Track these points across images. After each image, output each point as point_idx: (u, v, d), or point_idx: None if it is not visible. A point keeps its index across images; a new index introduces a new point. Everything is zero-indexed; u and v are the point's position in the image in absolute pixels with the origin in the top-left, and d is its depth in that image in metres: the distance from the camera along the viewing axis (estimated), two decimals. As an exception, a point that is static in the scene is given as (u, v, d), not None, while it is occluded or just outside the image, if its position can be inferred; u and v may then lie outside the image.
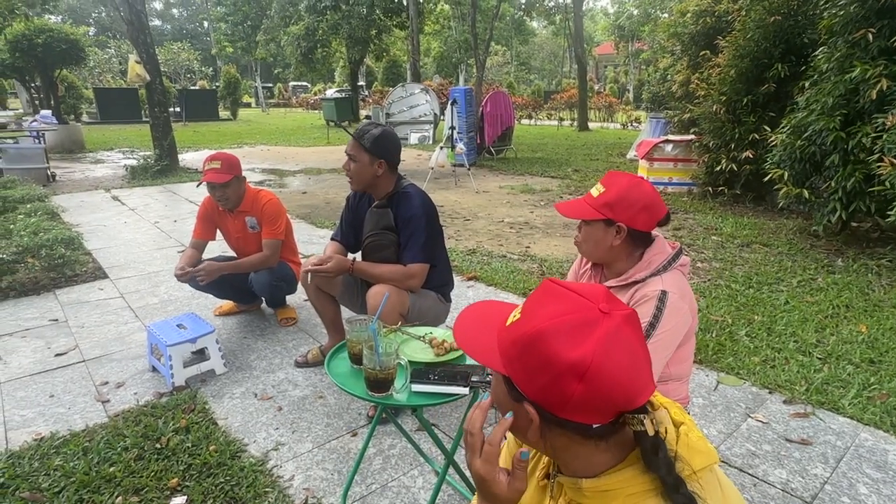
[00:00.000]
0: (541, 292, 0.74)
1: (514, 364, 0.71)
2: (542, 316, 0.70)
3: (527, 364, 0.70)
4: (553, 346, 0.67)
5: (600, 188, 1.51)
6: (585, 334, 0.67)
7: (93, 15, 52.45)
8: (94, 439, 2.13)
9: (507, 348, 0.72)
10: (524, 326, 0.71)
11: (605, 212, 1.48)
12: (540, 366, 0.68)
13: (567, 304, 0.70)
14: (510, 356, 0.72)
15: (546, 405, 0.70)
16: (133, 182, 8.25)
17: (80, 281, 3.97)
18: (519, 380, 0.71)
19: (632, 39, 29.60)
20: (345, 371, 1.59)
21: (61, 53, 12.55)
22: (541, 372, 0.68)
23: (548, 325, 0.68)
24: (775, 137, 4.98)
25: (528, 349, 0.69)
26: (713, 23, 7.44)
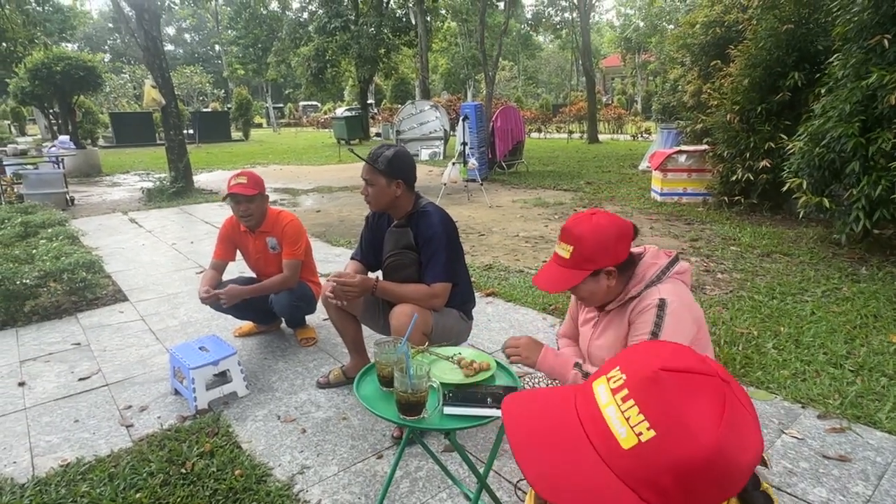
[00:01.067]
0: (661, 390, 0.58)
1: (671, 494, 0.56)
2: (698, 428, 0.55)
3: (694, 487, 0.55)
4: (734, 456, 0.55)
5: (567, 247, 1.47)
6: (741, 419, 0.57)
7: (108, 41, 53.75)
8: (120, 465, 2.12)
9: (654, 479, 0.56)
10: (683, 449, 0.55)
11: (589, 267, 1.45)
12: (717, 482, 0.56)
13: (704, 395, 0.58)
14: (662, 488, 0.55)
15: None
16: (149, 204, 8.36)
17: (101, 304, 4.00)
18: None
19: (638, 51, 29.68)
20: (372, 393, 1.57)
21: (79, 80, 12.85)
22: (716, 487, 0.56)
23: (718, 437, 0.55)
24: (792, 145, 4.94)
25: (700, 473, 0.55)
26: (723, 33, 7.43)
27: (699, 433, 0.55)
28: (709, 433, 0.55)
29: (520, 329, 3.38)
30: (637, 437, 0.56)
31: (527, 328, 3.39)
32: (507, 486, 1.97)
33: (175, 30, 60.05)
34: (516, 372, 2.03)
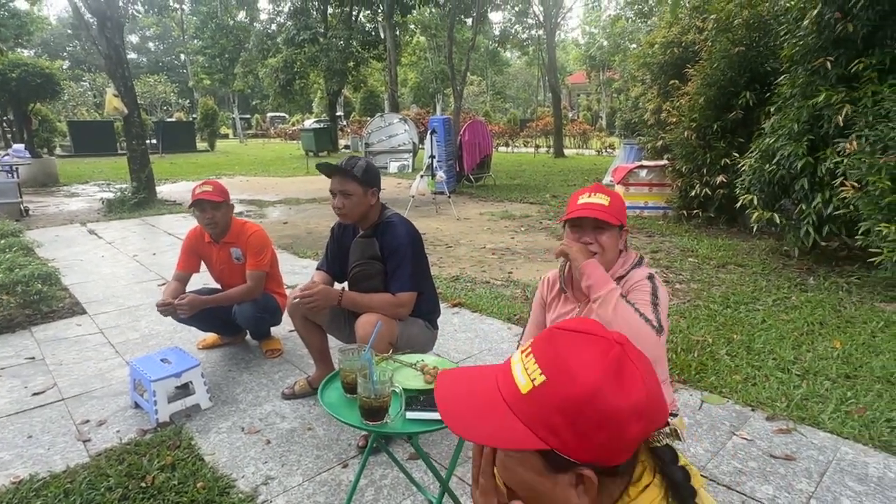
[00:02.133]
0: (553, 344, 0.68)
1: (561, 433, 0.63)
2: (579, 371, 0.64)
3: (580, 427, 0.63)
4: (607, 398, 0.62)
5: (605, 197, 1.63)
6: (629, 373, 0.64)
7: (67, 48, 52.23)
8: (76, 480, 2.07)
9: (545, 417, 0.64)
10: (565, 389, 0.63)
11: (622, 218, 1.64)
12: (598, 423, 0.62)
13: (591, 348, 0.66)
14: (552, 425, 0.63)
15: (605, 460, 0.65)
16: (110, 215, 8.14)
17: (58, 317, 3.88)
18: (570, 448, 0.63)
19: (603, 69, 30.52)
20: (337, 401, 1.60)
21: (36, 88, 12.45)
22: (599, 429, 0.63)
23: (596, 379, 0.63)
24: (744, 162, 5.18)
25: (579, 413, 0.62)
26: (681, 53, 7.75)
27: (579, 376, 0.63)
28: (588, 377, 0.63)
29: (485, 339, 3.43)
30: (532, 382, 0.65)
31: (492, 338, 3.44)
32: (469, 489, 2.01)
33: (139, 38, 58.81)
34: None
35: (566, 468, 0.65)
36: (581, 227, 1.66)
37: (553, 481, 0.66)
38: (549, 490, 0.67)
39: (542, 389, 0.64)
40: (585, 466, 0.64)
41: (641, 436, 0.65)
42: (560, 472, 0.66)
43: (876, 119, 3.98)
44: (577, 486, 0.66)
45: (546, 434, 0.63)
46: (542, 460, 0.66)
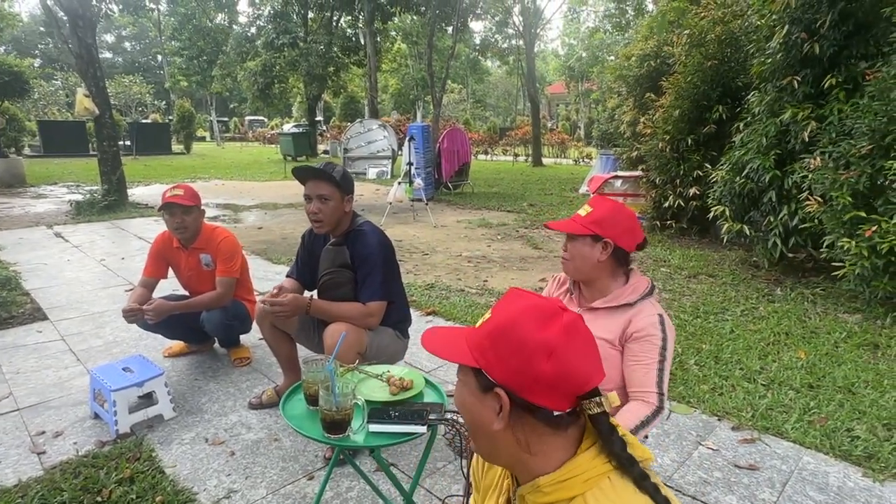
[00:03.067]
0: (507, 297, 0.83)
1: (487, 353, 0.77)
2: (511, 310, 0.79)
3: (499, 350, 0.76)
4: (524, 330, 0.75)
5: (588, 209, 1.65)
6: (551, 320, 0.76)
7: (39, 46, 51.00)
8: (28, 495, 1.99)
9: (479, 342, 0.78)
10: (495, 320, 0.79)
11: (594, 228, 1.60)
12: (513, 349, 0.75)
13: (532, 301, 0.80)
14: (482, 347, 0.78)
15: (517, 388, 0.75)
16: (78, 218, 7.93)
17: (17, 323, 3.76)
18: (491, 367, 0.76)
19: (581, 80, 30.95)
20: (300, 413, 1.56)
21: (3, 86, 12.14)
22: (513, 355, 0.75)
23: (518, 314, 0.77)
24: (715, 174, 5.28)
25: (501, 336, 0.77)
26: (657, 66, 7.89)
27: (504, 313, 0.79)
28: (510, 312, 0.78)
29: (458, 347, 3.41)
30: (483, 319, 0.82)
31: (465, 347, 3.43)
32: (436, 502, 1.98)
33: (115, 37, 57.74)
34: (448, 390, 2.06)
35: (488, 388, 0.77)
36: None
37: (481, 402, 0.78)
38: (477, 410, 0.79)
39: (486, 322, 0.80)
40: (503, 388, 0.75)
41: (554, 379, 0.74)
42: (485, 392, 0.78)
43: (839, 136, 4.10)
44: (498, 411, 0.77)
45: (478, 354, 0.78)
46: (475, 381, 0.79)
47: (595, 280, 1.67)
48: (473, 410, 0.80)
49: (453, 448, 1.74)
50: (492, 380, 0.76)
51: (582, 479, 0.76)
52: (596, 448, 0.78)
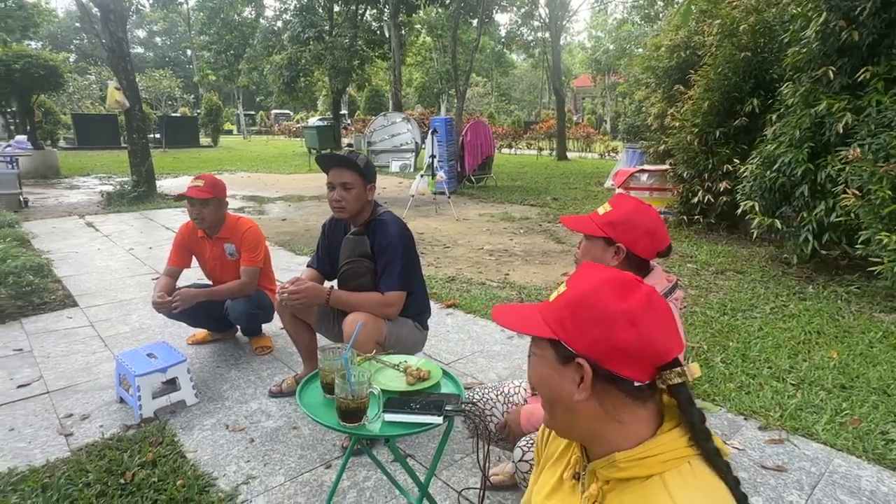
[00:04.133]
0: (582, 270, 0.84)
1: (566, 324, 0.77)
2: (589, 282, 0.79)
3: (579, 321, 0.76)
4: (605, 300, 0.76)
5: (607, 207, 1.55)
6: (630, 291, 0.77)
7: (74, 41, 52.34)
8: (55, 475, 2.04)
9: (557, 313, 0.79)
10: (574, 290, 0.80)
11: (607, 230, 1.50)
12: (594, 319, 0.75)
13: (609, 273, 0.80)
14: (560, 318, 0.78)
15: (599, 357, 0.75)
16: (108, 208, 8.13)
17: (49, 309, 3.86)
18: (571, 338, 0.76)
19: (608, 72, 30.49)
20: (317, 401, 1.56)
21: (39, 79, 12.45)
22: (595, 325, 0.75)
23: (597, 285, 0.78)
24: (745, 168, 5.13)
25: (580, 307, 0.77)
26: (686, 57, 7.70)
27: (583, 283, 0.79)
28: (588, 284, 0.78)
29: (478, 340, 3.39)
30: (558, 292, 0.82)
31: (485, 340, 3.41)
32: (453, 494, 1.97)
33: (146, 32, 58.94)
34: (469, 382, 2.04)
35: (569, 360, 0.77)
36: None
37: (560, 374, 0.78)
38: (557, 383, 0.78)
39: (562, 295, 0.81)
40: (584, 358, 0.75)
41: (637, 348, 0.74)
42: (565, 364, 0.77)
43: (878, 128, 3.93)
44: (579, 384, 0.76)
45: (555, 326, 0.78)
46: (553, 353, 0.78)
47: None
48: (552, 383, 0.79)
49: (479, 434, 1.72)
50: (572, 350, 0.76)
51: (661, 459, 0.75)
52: (680, 430, 0.77)
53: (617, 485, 0.78)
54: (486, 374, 2.93)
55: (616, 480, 0.78)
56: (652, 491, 0.74)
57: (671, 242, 1.57)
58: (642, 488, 0.75)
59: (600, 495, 0.80)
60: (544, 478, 0.96)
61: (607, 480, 0.79)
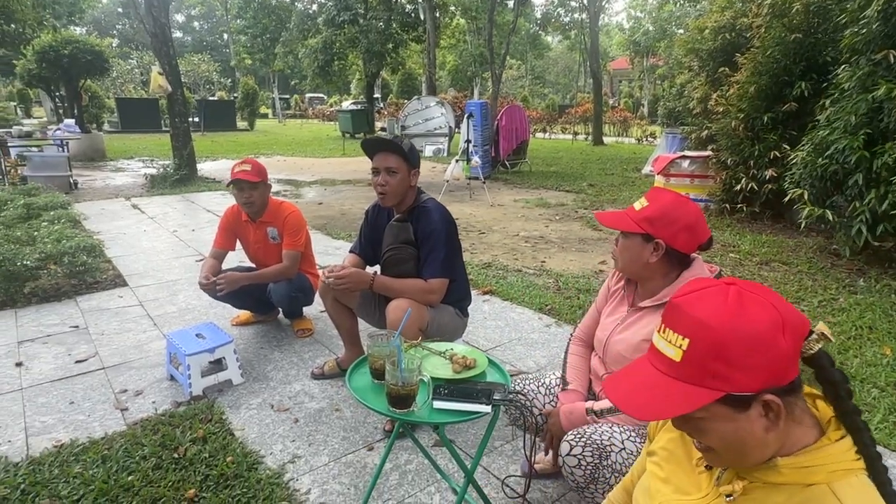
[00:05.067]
0: (679, 311, 0.78)
1: (726, 374, 0.72)
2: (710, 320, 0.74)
3: (737, 362, 0.72)
4: (747, 327, 0.72)
5: (643, 202, 1.50)
6: (750, 301, 0.74)
7: (117, 27, 53.70)
8: (113, 447, 2.14)
9: (706, 370, 0.73)
10: (708, 338, 0.73)
11: (645, 226, 1.46)
12: (749, 350, 0.71)
13: (710, 299, 0.76)
14: (715, 372, 0.73)
15: (773, 380, 0.72)
16: (152, 191, 8.38)
17: (101, 288, 4.03)
18: (740, 384, 0.72)
19: (647, 55, 29.61)
20: (365, 385, 1.59)
21: (86, 64, 12.86)
22: (753, 354, 0.71)
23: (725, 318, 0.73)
24: (795, 155, 4.93)
25: (730, 348, 0.72)
26: (732, 38, 7.41)
27: (712, 323, 0.73)
28: (719, 320, 0.72)
29: (515, 328, 3.39)
30: (680, 348, 0.75)
31: (522, 327, 3.40)
32: (495, 482, 1.99)
33: (184, 17, 60.01)
34: (508, 370, 2.04)
35: (749, 403, 0.73)
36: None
37: (746, 420, 0.74)
38: (746, 431, 0.74)
39: (691, 350, 0.74)
40: (763, 393, 0.72)
41: (793, 347, 0.72)
42: (746, 409, 0.73)
43: (944, 114, 3.72)
44: (767, 415, 0.74)
45: (715, 383, 0.72)
46: (726, 407, 0.73)
47: (647, 280, 1.55)
48: (741, 435, 0.75)
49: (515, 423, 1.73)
50: (749, 394, 0.72)
51: (828, 468, 0.75)
52: (848, 441, 0.76)
53: (766, 486, 0.78)
54: (525, 362, 2.93)
55: (765, 482, 0.78)
56: (821, 499, 0.73)
57: (712, 235, 1.53)
58: (805, 493, 0.75)
59: (742, 491, 0.80)
60: (662, 457, 0.96)
61: (753, 480, 0.79)
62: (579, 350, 1.81)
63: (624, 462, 1.40)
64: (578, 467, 1.42)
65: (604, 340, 1.65)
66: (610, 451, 1.41)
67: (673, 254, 1.48)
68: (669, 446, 0.96)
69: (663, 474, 0.94)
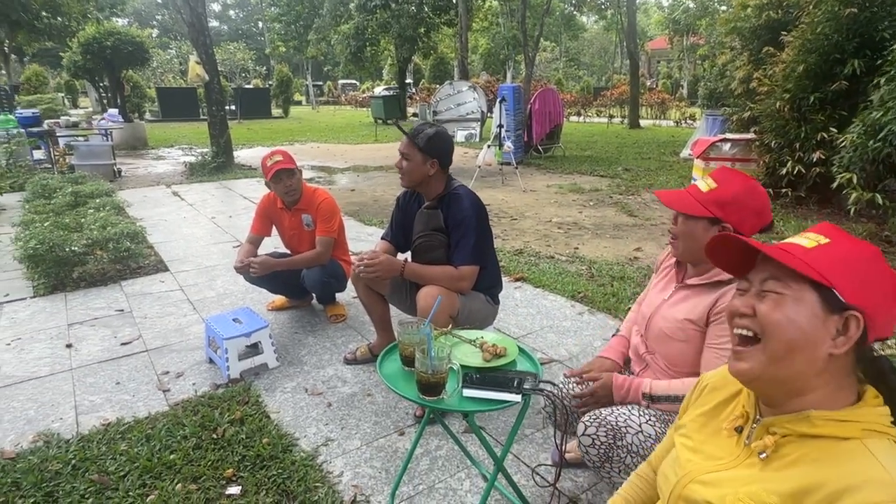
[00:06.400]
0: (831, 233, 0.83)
1: (841, 272, 0.77)
2: (855, 247, 0.81)
3: (859, 273, 0.77)
4: (879, 264, 0.79)
5: (711, 184, 1.44)
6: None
7: (156, 17, 54.97)
8: (156, 427, 2.23)
9: (831, 263, 0.78)
10: (842, 248, 0.80)
11: (715, 210, 1.41)
12: (880, 277, 0.78)
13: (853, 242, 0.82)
14: (834, 269, 0.77)
15: (871, 312, 0.75)
16: (191, 178, 8.61)
17: (143, 273, 4.17)
18: (845, 288, 0.76)
19: (687, 33, 28.58)
20: (395, 372, 1.60)
21: (128, 55, 13.22)
22: (882, 281, 0.77)
23: (862, 249, 0.81)
24: (845, 137, 4.70)
25: (861, 261, 0.79)
26: (778, 16, 7.08)
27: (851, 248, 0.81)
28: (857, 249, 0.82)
29: (547, 315, 3.36)
30: (816, 242, 0.81)
31: (554, 315, 3.37)
32: (524, 469, 1.99)
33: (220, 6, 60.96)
34: (539, 358, 2.03)
35: (838, 309, 0.76)
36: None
37: (822, 322, 0.76)
38: (812, 329, 0.76)
39: (827, 251, 0.80)
40: (855, 309, 0.75)
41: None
42: (830, 312, 0.76)
43: None
44: (837, 337, 0.76)
45: (828, 273, 0.76)
46: (818, 298, 0.77)
47: (703, 262, 1.50)
48: (805, 328, 0.77)
49: (552, 421, 1.72)
50: (845, 301, 0.75)
51: (862, 426, 0.76)
52: (886, 409, 0.78)
53: (798, 439, 0.80)
54: (557, 350, 2.91)
55: (799, 435, 0.79)
56: (855, 453, 0.75)
57: (773, 219, 1.48)
58: (839, 447, 0.76)
59: (774, 447, 0.81)
60: (691, 428, 0.97)
61: (785, 434, 0.81)
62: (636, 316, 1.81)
63: (641, 444, 1.38)
64: (592, 446, 1.42)
65: (648, 316, 1.62)
66: (625, 432, 1.39)
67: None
68: (699, 419, 0.97)
69: (692, 444, 0.94)
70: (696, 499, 0.85)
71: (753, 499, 0.78)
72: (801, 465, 0.78)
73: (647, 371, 1.61)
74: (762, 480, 0.80)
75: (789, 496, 0.75)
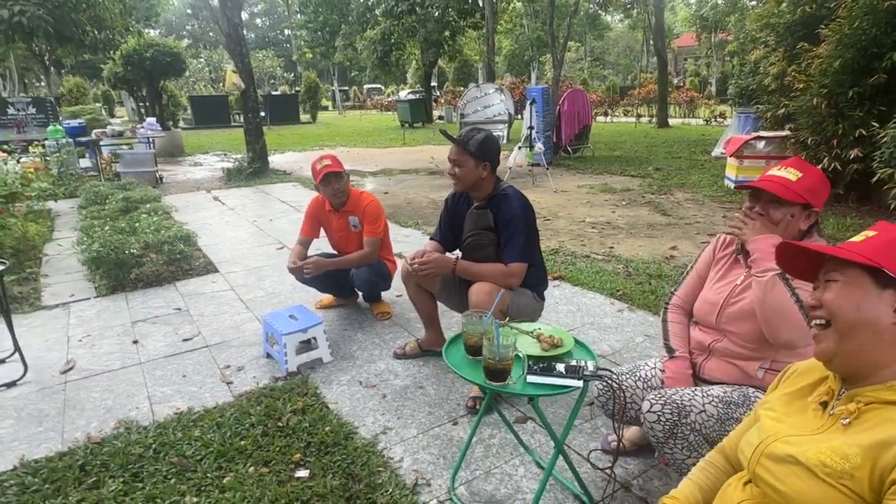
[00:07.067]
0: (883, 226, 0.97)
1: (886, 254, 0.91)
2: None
3: None
4: None
5: (796, 173, 1.58)
6: None
7: (186, 27, 56.44)
8: (225, 416, 2.38)
9: (878, 248, 0.91)
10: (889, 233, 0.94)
11: (808, 196, 1.56)
12: None
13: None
14: (880, 252, 0.91)
15: None
16: (229, 183, 8.88)
17: (195, 274, 4.37)
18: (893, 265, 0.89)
19: (715, 30, 28.14)
20: (459, 360, 1.71)
21: (166, 66, 13.69)
22: None
23: None
24: (885, 133, 4.65)
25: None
26: (813, 10, 6.99)
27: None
28: None
29: (588, 312, 3.43)
30: (865, 235, 0.97)
31: (594, 312, 3.44)
32: (576, 457, 2.08)
33: (248, 14, 62.24)
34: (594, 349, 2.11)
35: (889, 285, 0.89)
36: (758, 198, 1.63)
37: (879, 297, 0.90)
38: (871, 305, 0.90)
39: (875, 237, 0.95)
40: None
41: None
42: (884, 288, 0.90)
43: None
44: (895, 310, 0.89)
45: (876, 257, 0.90)
46: (870, 278, 0.90)
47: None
48: (865, 306, 0.90)
49: (605, 411, 1.81)
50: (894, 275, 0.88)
51: None
52: None
53: (882, 405, 0.89)
54: (599, 346, 2.98)
55: (883, 402, 0.89)
56: None
57: None
58: None
59: (857, 413, 0.91)
60: (777, 404, 1.07)
61: (869, 402, 0.91)
62: (679, 317, 1.87)
63: (704, 423, 1.46)
64: (658, 422, 1.50)
65: (719, 303, 1.70)
66: (689, 410, 1.48)
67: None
68: (784, 398, 1.06)
69: (776, 416, 1.04)
70: (779, 454, 0.94)
71: (836, 452, 0.87)
72: (882, 425, 0.87)
73: (712, 357, 1.71)
74: (844, 439, 0.89)
75: (870, 448, 0.84)
